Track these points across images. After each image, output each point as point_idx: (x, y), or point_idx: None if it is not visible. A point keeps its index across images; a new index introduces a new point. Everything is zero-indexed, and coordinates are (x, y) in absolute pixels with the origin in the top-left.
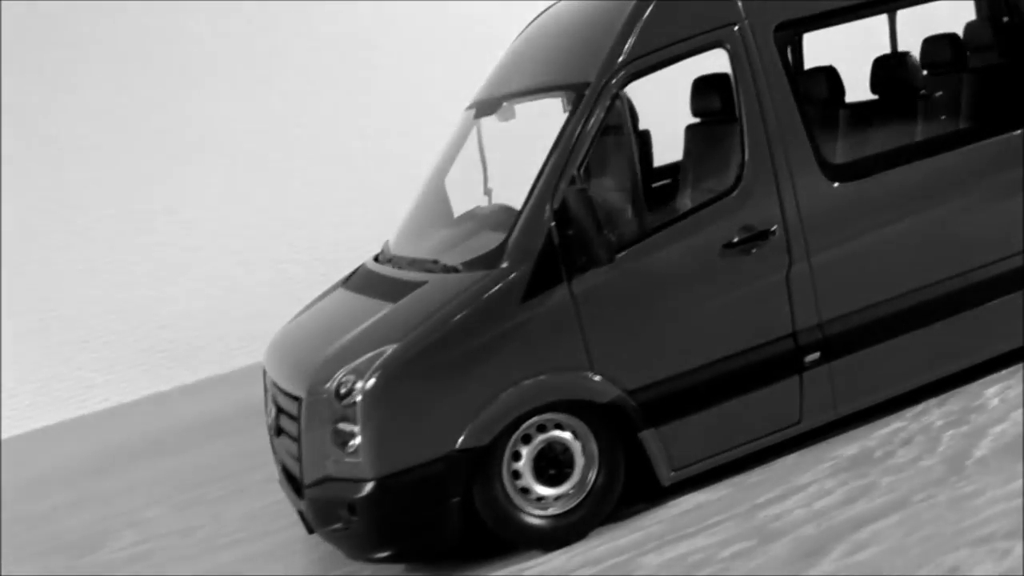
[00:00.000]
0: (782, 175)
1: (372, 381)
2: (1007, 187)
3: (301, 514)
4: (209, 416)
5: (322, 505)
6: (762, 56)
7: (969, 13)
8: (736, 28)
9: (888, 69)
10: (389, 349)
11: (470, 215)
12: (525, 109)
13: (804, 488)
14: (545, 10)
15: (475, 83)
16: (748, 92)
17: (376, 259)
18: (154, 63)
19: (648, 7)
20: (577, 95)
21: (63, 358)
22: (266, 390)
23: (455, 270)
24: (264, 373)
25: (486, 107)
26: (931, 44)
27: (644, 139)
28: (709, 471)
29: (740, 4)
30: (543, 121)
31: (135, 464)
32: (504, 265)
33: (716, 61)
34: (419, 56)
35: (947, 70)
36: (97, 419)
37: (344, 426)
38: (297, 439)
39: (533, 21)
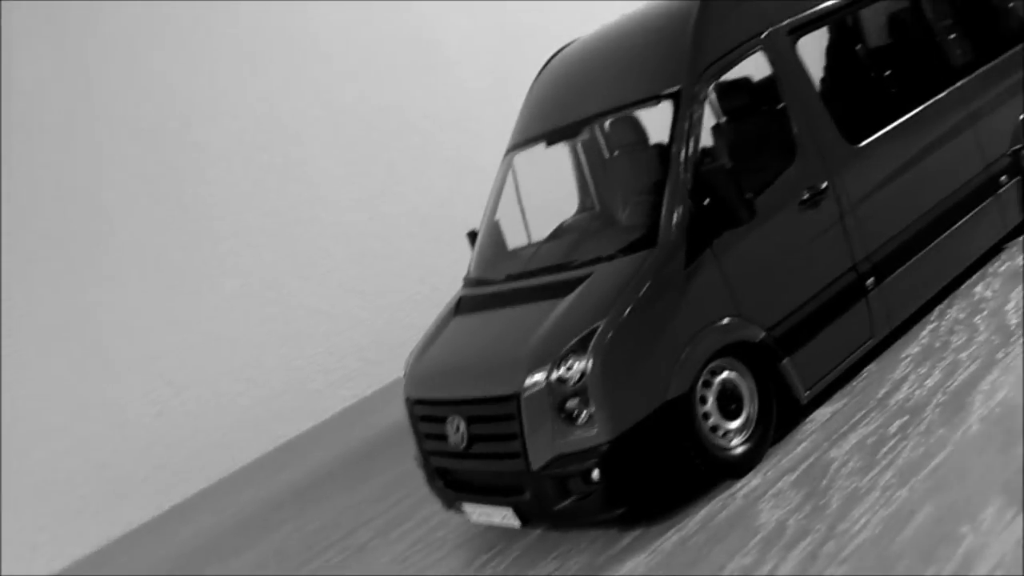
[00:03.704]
0: (821, 145)
1: (595, 354)
2: (965, 123)
3: (517, 508)
4: (226, 524)
5: (553, 484)
6: (788, 56)
7: None
8: (766, 34)
9: (843, 60)
10: (599, 325)
11: (563, 228)
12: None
13: (905, 379)
14: (562, 49)
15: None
16: (785, 86)
17: (479, 285)
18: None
19: (707, 21)
20: (674, 101)
21: None
22: (424, 419)
23: (612, 257)
24: (415, 404)
25: (561, 134)
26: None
27: None
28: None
29: (762, 15)
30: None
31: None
32: (661, 242)
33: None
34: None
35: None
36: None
37: (571, 403)
38: (514, 435)
39: (550, 61)
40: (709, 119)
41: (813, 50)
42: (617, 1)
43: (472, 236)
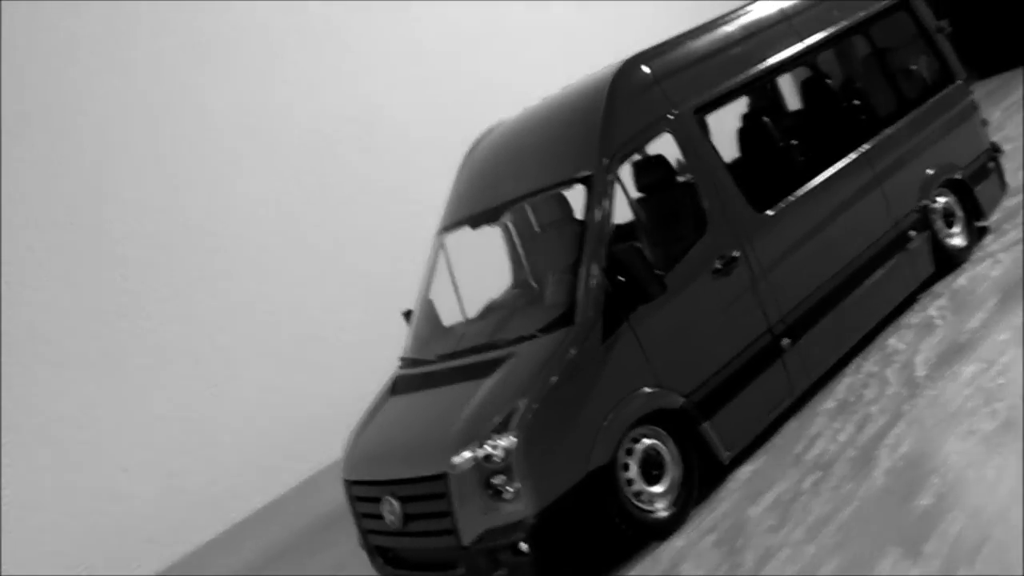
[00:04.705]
0: (730, 215)
1: (518, 431)
2: (872, 184)
3: None
4: None
5: (485, 557)
6: (694, 133)
7: None
8: (671, 116)
9: (753, 131)
10: (521, 404)
11: (491, 307)
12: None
13: (820, 434)
14: (488, 132)
15: None
16: (693, 162)
17: (413, 365)
18: None
19: (614, 108)
20: (587, 184)
21: None
22: (361, 499)
23: (534, 336)
24: (352, 485)
25: (484, 218)
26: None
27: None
28: (740, 450)
29: (668, 97)
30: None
31: None
32: (579, 320)
33: None
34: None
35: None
36: None
37: (498, 479)
38: (445, 512)
39: (479, 143)
40: (630, 195)
41: (728, 120)
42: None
43: (408, 315)
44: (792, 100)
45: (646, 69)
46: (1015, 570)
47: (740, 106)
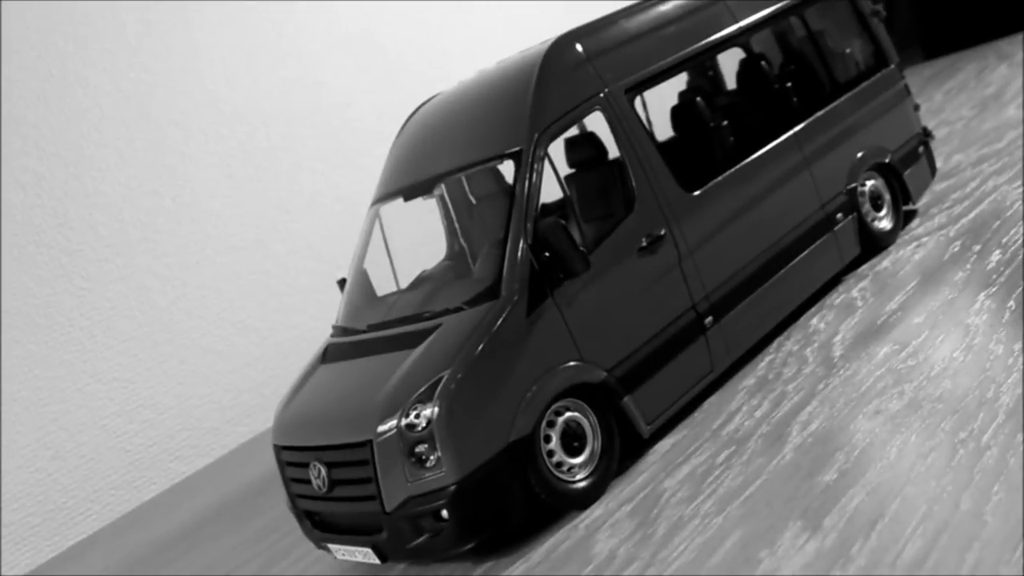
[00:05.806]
0: (658, 194)
1: (441, 401)
2: (800, 166)
3: (375, 547)
4: (116, 566)
5: (407, 523)
6: (625, 112)
7: None
8: (603, 94)
9: (685, 110)
10: (445, 375)
11: (422, 278)
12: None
13: (738, 411)
14: (421, 105)
15: None
16: (622, 141)
17: (344, 334)
18: None
19: (545, 85)
20: (515, 160)
21: None
22: (290, 464)
23: (460, 309)
24: (281, 451)
25: (416, 190)
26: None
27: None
28: (661, 424)
29: (599, 76)
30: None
31: None
32: (504, 294)
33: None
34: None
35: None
36: None
37: (420, 448)
38: (369, 478)
39: (412, 116)
40: (561, 172)
41: (665, 99)
42: (488, 48)
43: (342, 283)
44: (732, 80)
45: (579, 47)
46: (908, 543)
47: (682, 84)
